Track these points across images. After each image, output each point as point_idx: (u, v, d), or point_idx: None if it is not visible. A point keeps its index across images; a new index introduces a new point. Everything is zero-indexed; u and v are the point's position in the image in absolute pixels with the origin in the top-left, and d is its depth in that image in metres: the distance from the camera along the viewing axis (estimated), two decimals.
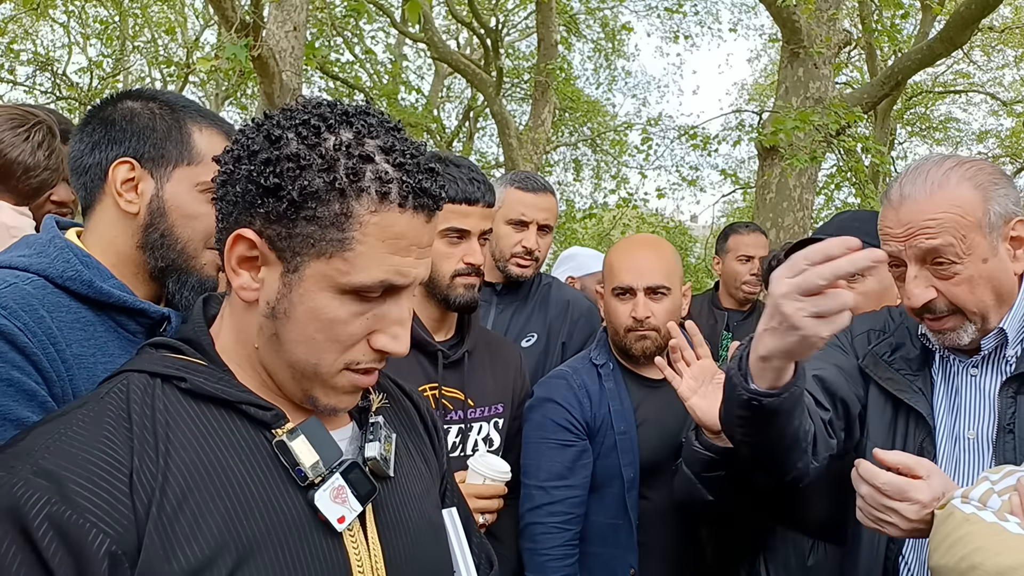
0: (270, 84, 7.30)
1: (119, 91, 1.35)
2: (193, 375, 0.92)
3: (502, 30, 14.58)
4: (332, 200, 0.87)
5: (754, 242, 3.77)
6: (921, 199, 1.42)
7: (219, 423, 0.91)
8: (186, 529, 0.83)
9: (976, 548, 1.13)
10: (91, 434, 0.84)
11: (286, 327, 0.91)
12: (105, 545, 0.77)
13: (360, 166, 0.88)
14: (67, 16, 14.09)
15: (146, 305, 1.27)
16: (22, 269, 1.20)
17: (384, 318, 0.93)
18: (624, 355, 2.16)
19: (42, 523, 0.76)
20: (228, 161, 0.92)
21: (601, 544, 2.09)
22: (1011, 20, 14.53)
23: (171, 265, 1.29)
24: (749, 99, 18.90)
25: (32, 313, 1.13)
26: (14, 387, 1.08)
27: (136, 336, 1.28)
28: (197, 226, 1.30)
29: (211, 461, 0.88)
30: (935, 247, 1.40)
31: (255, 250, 0.91)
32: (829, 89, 7.35)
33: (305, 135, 0.88)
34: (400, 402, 1.20)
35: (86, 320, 1.21)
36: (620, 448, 2.07)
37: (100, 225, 1.30)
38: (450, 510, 1.16)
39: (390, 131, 0.92)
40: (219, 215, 0.95)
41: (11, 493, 0.77)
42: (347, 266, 0.88)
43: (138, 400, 0.89)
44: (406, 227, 0.90)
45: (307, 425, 0.95)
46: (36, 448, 0.82)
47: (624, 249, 2.19)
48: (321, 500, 0.92)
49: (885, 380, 1.59)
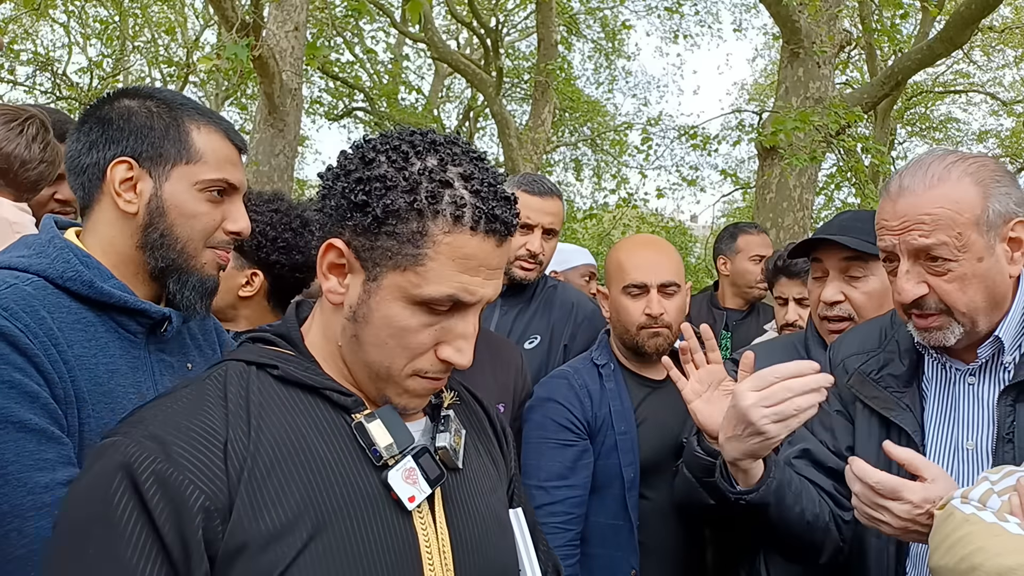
0: (270, 84, 7.31)
1: (116, 89, 1.34)
2: (284, 364, 1.03)
3: (502, 30, 14.58)
4: (411, 219, 0.96)
5: (763, 242, 3.79)
6: (919, 192, 1.38)
7: (305, 406, 1.02)
8: (272, 495, 0.93)
9: (976, 549, 1.13)
10: (193, 408, 0.96)
11: (364, 330, 1.01)
12: (200, 501, 0.89)
13: (439, 190, 0.96)
14: (67, 16, 14.11)
15: (147, 305, 1.26)
16: (22, 270, 1.19)
17: (451, 331, 1.01)
18: (634, 353, 2.16)
19: (149, 477, 0.88)
20: (329, 178, 1.03)
21: (602, 545, 2.09)
22: (1011, 20, 14.53)
23: (171, 265, 1.28)
24: (749, 99, 18.91)
25: (33, 314, 1.13)
26: (16, 389, 1.08)
27: (137, 336, 1.27)
28: (196, 225, 1.29)
29: (296, 438, 0.98)
30: (928, 245, 1.37)
31: (343, 258, 1.01)
32: (829, 89, 7.36)
33: (394, 159, 0.98)
34: (471, 406, 1.28)
35: (87, 321, 1.21)
36: (620, 448, 2.07)
37: (99, 225, 1.29)
38: (517, 511, 1.22)
39: (472, 160, 1.01)
40: (318, 225, 1.05)
41: (126, 451, 0.90)
42: (419, 279, 0.97)
43: (234, 383, 1.00)
44: (476, 249, 0.98)
45: (383, 411, 1.04)
46: (147, 418, 0.95)
47: (632, 248, 2.18)
48: (394, 479, 1.00)
49: (871, 399, 1.57)
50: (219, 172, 1.29)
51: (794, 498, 1.51)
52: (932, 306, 1.41)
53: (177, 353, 1.36)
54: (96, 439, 1.16)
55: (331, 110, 15.88)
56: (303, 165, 19.37)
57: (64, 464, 1.11)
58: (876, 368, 1.59)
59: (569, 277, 3.83)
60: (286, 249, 1.98)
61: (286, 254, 1.99)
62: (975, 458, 1.45)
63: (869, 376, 1.59)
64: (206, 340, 1.46)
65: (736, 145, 12.81)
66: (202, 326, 1.46)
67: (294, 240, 1.99)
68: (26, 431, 1.07)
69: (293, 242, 1.99)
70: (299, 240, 2.01)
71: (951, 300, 1.39)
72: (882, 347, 1.61)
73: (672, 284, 2.09)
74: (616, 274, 2.15)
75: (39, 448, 1.08)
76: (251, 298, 1.99)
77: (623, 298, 2.11)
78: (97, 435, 1.17)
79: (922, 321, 1.44)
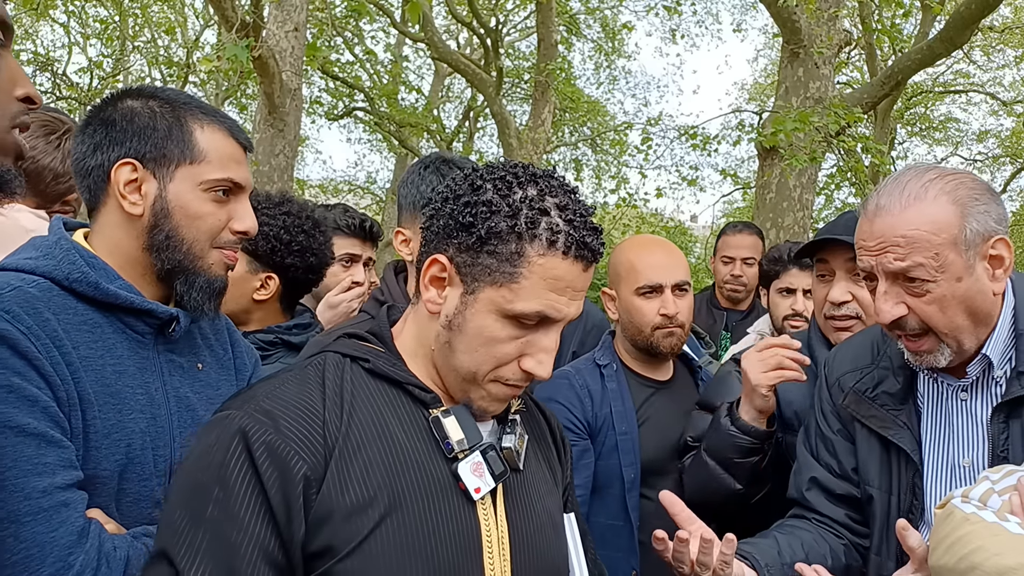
0: (270, 84, 7.31)
1: (119, 90, 1.33)
2: (375, 359, 1.14)
3: (502, 30, 14.58)
4: (511, 241, 1.07)
5: (737, 243, 3.80)
6: (895, 212, 1.37)
7: (390, 398, 1.13)
8: (358, 472, 1.04)
9: (976, 548, 1.13)
10: (298, 389, 1.08)
11: (457, 338, 1.11)
12: (303, 470, 1.00)
13: (538, 217, 1.07)
14: (67, 16, 14.10)
15: (153, 305, 1.26)
16: (28, 271, 1.19)
17: (534, 344, 1.11)
18: (645, 354, 2.15)
19: (260, 446, 1.00)
20: (438, 200, 1.14)
21: (602, 545, 2.07)
22: (1011, 20, 14.53)
23: (177, 266, 1.28)
24: (749, 99, 18.91)
25: (36, 316, 1.12)
26: (14, 393, 1.07)
27: (145, 337, 1.27)
28: (202, 226, 1.28)
29: (381, 424, 1.09)
30: (904, 268, 1.35)
31: (445, 272, 1.12)
32: (829, 89, 7.36)
33: (500, 187, 1.09)
34: (535, 415, 1.35)
35: (93, 322, 1.20)
36: (621, 449, 2.07)
37: (105, 227, 1.28)
38: (570, 516, 1.29)
39: (568, 193, 1.11)
40: (423, 242, 1.16)
41: (241, 423, 1.01)
42: (513, 295, 1.07)
43: (331, 371, 1.12)
44: (566, 272, 1.08)
45: (458, 409, 1.15)
46: (258, 395, 1.07)
47: (641, 249, 2.18)
48: (463, 470, 1.10)
49: (869, 418, 1.56)
50: (223, 172, 1.29)
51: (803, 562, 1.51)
52: (914, 326, 1.40)
53: (187, 353, 1.35)
54: (104, 440, 1.17)
55: (331, 110, 15.87)
56: (303, 165, 19.39)
57: (64, 468, 1.10)
58: (871, 386, 1.58)
59: None
60: (300, 252, 1.99)
61: (300, 256, 2.00)
62: (971, 476, 1.44)
63: (865, 395, 1.58)
64: (217, 339, 1.45)
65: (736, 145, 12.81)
66: (213, 325, 1.45)
67: (308, 242, 2.00)
68: (24, 435, 1.07)
69: (307, 244, 2.00)
70: (312, 242, 2.02)
71: (932, 322, 1.38)
72: (875, 363, 1.61)
73: (685, 283, 2.11)
74: (628, 276, 2.13)
75: (38, 452, 1.07)
76: (265, 301, 2.00)
77: (636, 299, 2.10)
78: (105, 436, 1.17)
79: (912, 344, 1.43)
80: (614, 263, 2.21)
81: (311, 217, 2.05)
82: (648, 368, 2.19)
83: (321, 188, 19.05)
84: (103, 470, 1.15)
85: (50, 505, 1.06)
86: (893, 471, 1.53)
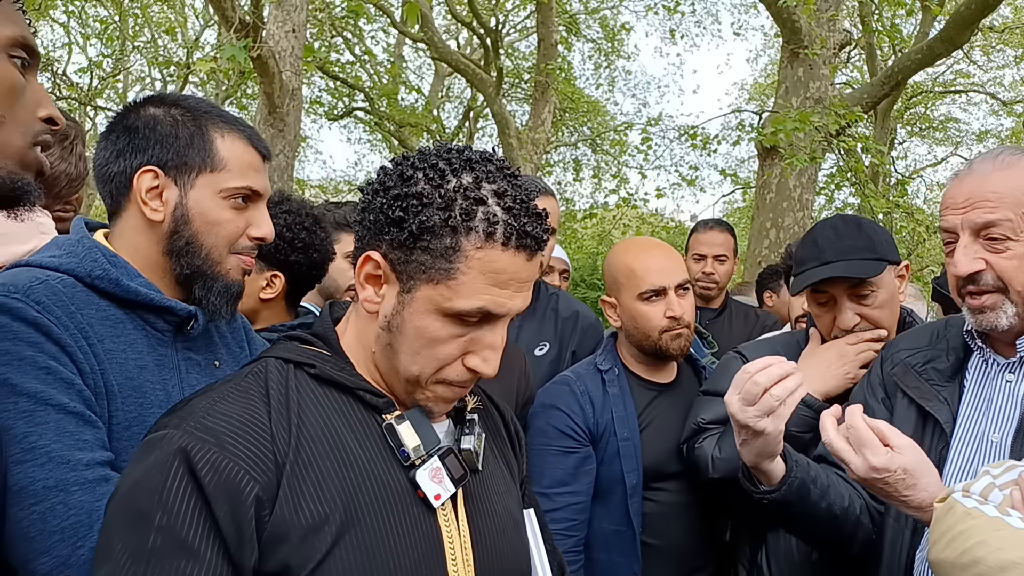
0: (270, 84, 7.31)
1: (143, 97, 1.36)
2: (321, 363, 1.08)
3: (502, 30, 14.59)
4: (445, 235, 0.99)
5: (709, 240, 3.78)
6: (988, 172, 1.44)
7: (339, 404, 1.06)
8: (311, 488, 0.98)
9: (978, 542, 1.14)
10: (240, 402, 1.01)
11: (397, 339, 1.05)
12: (255, 491, 0.93)
13: (473, 207, 1.00)
14: (67, 16, 14.10)
15: (172, 303, 1.28)
16: (52, 269, 1.22)
17: (478, 342, 1.05)
18: (653, 357, 2.14)
19: (205, 466, 0.92)
20: (368, 192, 1.07)
21: (605, 550, 2.09)
22: (1011, 20, 14.54)
23: (196, 271, 1.31)
24: (749, 99, 18.92)
25: (64, 308, 1.16)
26: (52, 375, 1.11)
27: (164, 334, 1.29)
28: (221, 232, 1.31)
29: (332, 435, 1.03)
30: (992, 220, 1.41)
31: (379, 270, 1.05)
32: (829, 89, 7.36)
33: (431, 176, 1.01)
34: (488, 409, 1.31)
35: (115, 318, 1.23)
36: (623, 454, 2.07)
37: (126, 231, 1.31)
38: (529, 512, 1.26)
39: (506, 177, 1.04)
40: (356, 237, 1.09)
41: (181, 442, 0.93)
42: (451, 293, 1.01)
43: (275, 379, 1.04)
44: (507, 264, 1.01)
45: (412, 413, 1.09)
46: (196, 411, 0.98)
47: (638, 253, 2.15)
48: (421, 478, 1.05)
49: (911, 388, 1.61)
50: (243, 180, 1.32)
51: (820, 494, 1.55)
52: (989, 281, 1.45)
53: (204, 351, 1.38)
54: (124, 432, 1.19)
55: (331, 110, 15.88)
56: (303, 165, 19.39)
57: (100, 447, 1.14)
58: (922, 361, 1.63)
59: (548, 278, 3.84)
60: (304, 248, 2.02)
61: (304, 253, 2.03)
62: (998, 450, 1.47)
63: (913, 368, 1.63)
64: (234, 338, 1.48)
65: (736, 145, 12.82)
66: (230, 324, 1.48)
67: (310, 239, 2.03)
68: (65, 413, 1.11)
69: (309, 241, 2.03)
70: (314, 238, 2.05)
71: (1008, 277, 1.43)
72: (931, 344, 1.66)
73: (687, 283, 2.11)
74: (629, 282, 2.11)
75: (78, 429, 1.11)
76: (271, 299, 2.03)
77: (641, 305, 2.08)
78: (125, 428, 1.20)
79: (975, 300, 1.47)
80: (611, 270, 2.18)
81: (311, 214, 2.07)
82: (652, 371, 2.19)
83: (321, 188, 19.06)
84: (121, 462, 1.18)
85: (94, 477, 1.10)
86: (924, 444, 1.55)
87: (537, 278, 2.58)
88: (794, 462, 1.53)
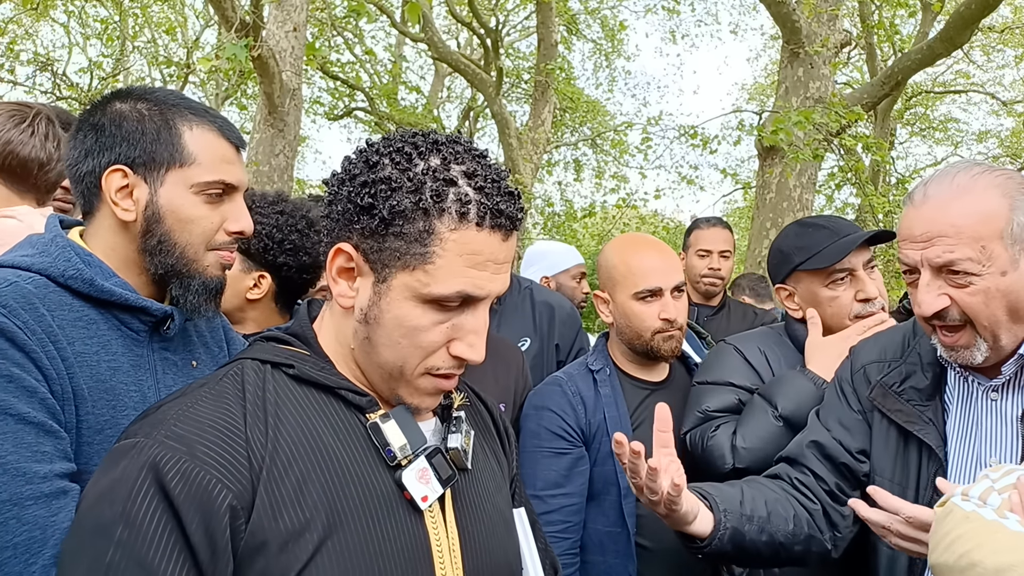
0: (270, 84, 7.31)
1: (109, 92, 1.31)
2: (299, 363, 1.04)
3: (502, 30, 14.59)
4: (417, 218, 0.96)
5: (713, 236, 3.76)
6: (945, 200, 1.36)
7: (320, 405, 1.02)
8: (290, 493, 0.94)
9: (976, 546, 1.13)
10: (214, 406, 0.97)
11: (376, 332, 1.01)
12: (228, 500, 0.90)
13: (444, 189, 0.97)
14: (67, 16, 14.12)
15: (148, 303, 1.26)
16: (24, 268, 1.19)
17: (462, 327, 1.02)
18: (644, 356, 2.12)
19: (175, 476, 0.88)
20: (334, 184, 1.03)
21: (600, 552, 2.07)
22: (1011, 20, 14.53)
23: (171, 270, 1.27)
24: (749, 99, 18.92)
25: (32, 311, 1.13)
26: (14, 383, 1.08)
27: (139, 334, 1.27)
28: (195, 229, 1.27)
29: (313, 437, 0.99)
30: (951, 260, 1.35)
31: (352, 262, 1.01)
32: (829, 89, 7.36)
33: (398, 160, 0.98)
34: (476, 406, 1.29)
35: (88, 319, 1.20)
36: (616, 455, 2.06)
37: (100, 231, 1.28)
38: (520, 511, 1.23)
39: (475, 158, 1.01)
40: (325, 231, 1.05)
41: (151, 452, 0.90)
42: (428, 278, 0.97)
43: (251, 382, 1.01)
44: (483, 244, 0.98)
45: (397, 411, 1.05)
46: (168, 418, 0.95)
47: (636, 251, 2.12)
48: (408, 479, 1.01)
49: (894, 412, 1.56)
50: (215, 173, 1.27)
51: (758, 530, 1.54)
52: (955, 317, 1.39)
53: (181, 351, 1.35)
54: (96, 436, 1.17)
55: (331, 110, 15.88)
56: (303, 165, 19.40)
57: (61, 458, 1.11)
58: (899, 380, 1.58)
59: (560, 280, 3.83)
60: (293, 251, 1.98)
61: (293, 256, 1.98)
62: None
63: (891, 389, 1.58)
64: (213, 338, 1.45)
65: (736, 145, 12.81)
66: (209, 324, 1.45)
67: (301, 241, 1.99)
68: (25, 423, 1.07)
69: (300, 243, 1.99)
70: (306, 241, 2.00)
71: (974, 313, 1.37)
72: (904, 358, 1.61)
73: (683, 284, 2.09)
74: (624, 280, 2.08)
75: (37, 440, 1.08)
76: (259, 300, 2.00)
77: (635, 304, 2.06)
78: (97, 432, 1.17)
79: (947, 338, 1.42)
80: (606, 265, 2.15)
81: (305, 216, 2.03)
82: (643, 370, 2.17)
83: (321, 188, 19.04)
84: (95, 466, 1.16)
85: (51, 491, 1.07)
86: (912, 466, 1.53)
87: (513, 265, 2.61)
88: (722, 513, 1.51)
